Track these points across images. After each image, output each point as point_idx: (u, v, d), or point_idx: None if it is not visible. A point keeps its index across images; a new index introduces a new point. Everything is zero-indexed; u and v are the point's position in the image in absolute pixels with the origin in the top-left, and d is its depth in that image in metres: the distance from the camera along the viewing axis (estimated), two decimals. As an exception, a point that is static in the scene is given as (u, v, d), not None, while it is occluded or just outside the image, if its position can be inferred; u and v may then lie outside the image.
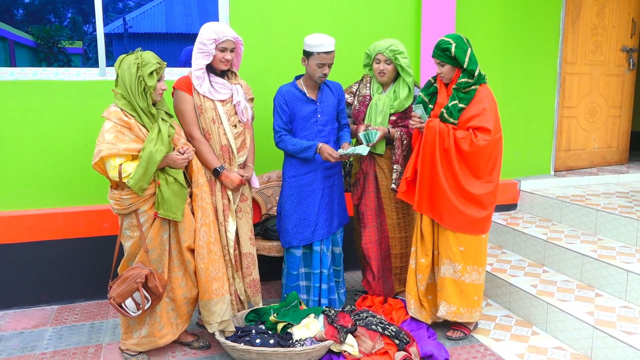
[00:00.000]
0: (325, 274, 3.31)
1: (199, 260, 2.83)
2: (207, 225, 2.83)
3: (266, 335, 2.86)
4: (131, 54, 2.67)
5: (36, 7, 8.56)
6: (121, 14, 10.89)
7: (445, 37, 2.91)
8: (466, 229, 2.96)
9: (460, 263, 3.00)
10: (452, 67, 2.92)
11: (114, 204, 2.68)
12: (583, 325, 2.91)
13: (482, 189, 2.94)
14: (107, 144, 2.57)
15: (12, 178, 3.50)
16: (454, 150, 2.89)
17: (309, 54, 3.05)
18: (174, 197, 2.69)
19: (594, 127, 5.19)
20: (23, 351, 3.02)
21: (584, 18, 4.91)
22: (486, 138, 2.87)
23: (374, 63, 3.32)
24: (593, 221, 3.89)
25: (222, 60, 2.91)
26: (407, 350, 2.86)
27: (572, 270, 3.51)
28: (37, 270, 3.57)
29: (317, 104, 3.20)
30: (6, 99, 3.43)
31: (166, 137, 2.66)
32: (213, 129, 2.95)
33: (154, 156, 2.58)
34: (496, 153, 2.95)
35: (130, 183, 2.58)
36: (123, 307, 2.66)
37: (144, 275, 2.65)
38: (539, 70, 4.72)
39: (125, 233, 2.75)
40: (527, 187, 4.64)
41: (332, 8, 4.00)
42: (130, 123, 2.62)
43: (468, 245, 2.99)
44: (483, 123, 2.87)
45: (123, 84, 2.63)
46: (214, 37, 2.84)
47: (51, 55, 8.27)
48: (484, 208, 2.96)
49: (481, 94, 2.92)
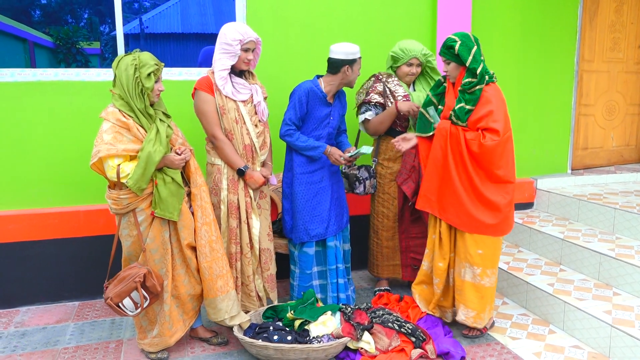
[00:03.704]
0: (342, 269, 3.35)
1: (202, 259, 2.84)
2: (207, 224, 2.85)
3: (284, 332, 2.90)
4: (129, 54, 2.68)
5: (53, 8, 8.68)
6: (137, 15, 10.99)
7: (452, 35, 2.91)
8: (483, 230, 2.93)
9: (480, 266, 2.96)
10: (457, 66, 2.91)
11: (111, 203, 2.69)
12: (601, 324, 2.90)
13: (502, 198, 2.90)
14: (105, 145, 2.59)
15: (35, 176, 3.58)
16: (466, 153, 2.89)
17: (352, 61, 3.15)
18: (171, 197, 2.70)
19: (612, 125, 5.15)
20: (46, 346, 3.09)
21: (602, 15, 4.87)
22: (494, 138, 2.83)
23: (405, 66, 3.42)
24: (611, 220, 3.86)
25: (245, 61, 2.95)
26: (424, 348, 2.87)
27: (589, 269, 3.49)
28: (59, 267, 3.64)
29: (332, 107, 3.28)
30: (29, 99, 3.51)
31: (164, 137, 2.68)
32: (236, 129, 2.98)
33: (152, 157, 2.61)
34: (507, 153, 2.91)
35: (130, 183, 2.60)
36: (120, 306, 2.67)
37: (142, 275, 2.66)
38: (556, 68, 4.69)
39: (124, 232, 2.76)
40: (544, 185, 4.62)
41: (347, 8, 4.02)
42: (128, 124, 2.64)
43: (486, 248, 2.95)
44: (490, 124, 2.85)
45: (121, 85, 2.65)
46: (239, 37, 2.88)
47: (70, 56, 8.39)
48: (495, 211, 2.92)
49: (488, 94, 2.87)
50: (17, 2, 7.99)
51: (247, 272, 3.11)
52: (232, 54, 2.90)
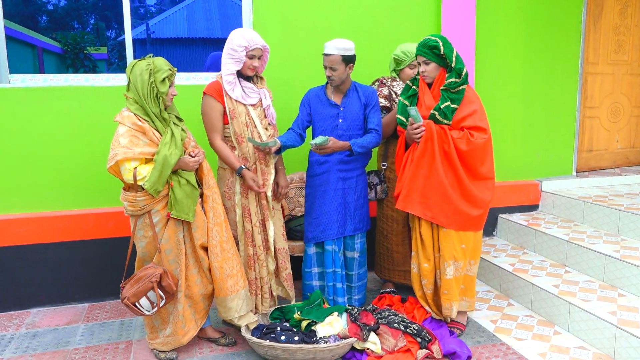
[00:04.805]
0: (339, 273, 3.34)
1: (213, 258, 2.90)
2: (219, 225, 2.90)
3: (291, 333, 2.93)
4: (143, 59, 2.73)
5: (60, 14, 8.76)
6: (144, 20, 11.07)
7: (431, 36, 2.94)
8: (468, 227, 3.04)
9: (462, 260, 3.07)
10: (437, 66, 2.95)
11: (127, 205, 2.75)
12: (606, 325, 2.92)
13: (487, 194, 3.02)
14: (122, 148, 2.65)
15: (46, 180, 3.64)
16: (454, 151, 2.93)
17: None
18: (186, 199, 2.75)
19: (616, 127, 5.16)
20: (57, 346, 3.14)
21: (606, 18, 4.89)
22: (483, 136, 2.93)
23: (408, 68, 3.41)
24: (616, 222, 3.88)
25: (250, 67, 3.00)
26: (430, 349, 2.90)
27: (594, 271, 3.51)
28: (70, 269, 3.70)
29: (340, 108, 3.22)
30: (40, 104, 3.57)
31: (179, 140, 2.74)
32: (246, 132, 3.03)
33: (168, 159, 2.66)
34: (490, 151, 3.03)
35: (147, 186, 2.66)
36: (137, 306, 2.73)
37: (158, 275, 2.72)
38: (560, 70, 4.71)
39: (139, 233, 2.82)
40: (549, 187, 4.64)
41: (353, 12, 4.06)
42: (144, 127, 2.70)
43: (469, 242, 3.07)
44: (477, 122, 2.94)
45: (135, 90, 2.70)
46: (244, 44, 2.93)
47: (77, 61, 8.47)
48: (482, 207, 3.04)
49: (470, 94, 2.97)
50: (24, 7, 8.06)
51: (262, 274, 3.17)
52: (237, 59, 2.95)
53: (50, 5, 7.93)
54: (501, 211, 4.54)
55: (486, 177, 3.03)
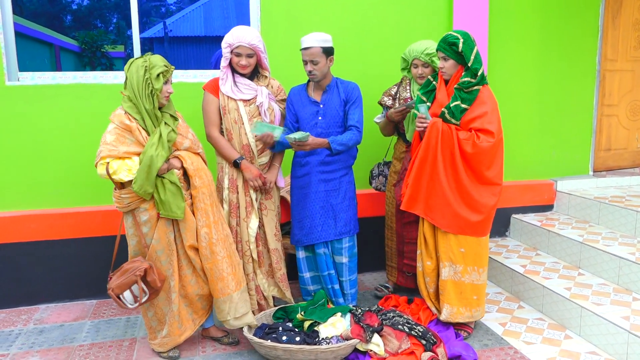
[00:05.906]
0: (334, 275, 3.29)
1: (204, 260, 2.87)
2: (207, 227, 2.84)
3: (293, 333, 2.90)
4: (140, 57, 2.73)
5: (83, 13, 8.88)
6: (162, 18, 11.13)
7: (453, 32, 2.88)
8: (467, 231, 2.95)
9: (461, 264, 2.98)
10: (456, 63, 2.88)
11: (115, 201, 2.76)
12: (618, 329, 2.82)
13: (489, 199, 2.92)
14: (107, 145, 2.65)
15: (55, 177, 3.67)
16: (458, 152, 2.86)
17: None
18: (172, 197, 2.72)
19: (636, 125, 5.01)
20: (63, 343, 3.16)
21: (625, 13, 4.74)
22: (489, 140, 2.82)
23: (412, 67, 3.35)
24: (633, 223, 3.75)
25: (238, 65, 2.98)
26: (434, 351, 2.84)
27: (608, 274, 3.41)
28: (77, 266, 3.73)
29: (319, 106, 3.15)
30: (48, 102, 3.60)
31: (166, 141, 2.71)
32: (235, 128, 3.02)
33: (154, 160, 2.64)
34: (499, 155, 2.91)
35: (135, 188, 2.64)
36: (121, 298, 2.73)
37: (143, 269, 2.70)
38: (577, 67, 4.59)
39: (129, 232, 2.82)
40: (564, 187, 4.52)
41: (363, 9, 4.01)
42: (131, 127, 2.68)
43: (469, 247, 2.97)
44: (485, 125, 2.83)
45: (131, 86, 2.70)
46: (229, 41, 2.93)
47: (95, 59, 8.57)
48: (483, 213, 2.93)
49: (484, 95, 2.87)
50: (50, 7, 8.17)
51: (247, 271, 3.14)
52: (225, 56, 2.97)
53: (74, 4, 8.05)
54: (514, 211, 4.44)
55: (492, 182, 2.93)
